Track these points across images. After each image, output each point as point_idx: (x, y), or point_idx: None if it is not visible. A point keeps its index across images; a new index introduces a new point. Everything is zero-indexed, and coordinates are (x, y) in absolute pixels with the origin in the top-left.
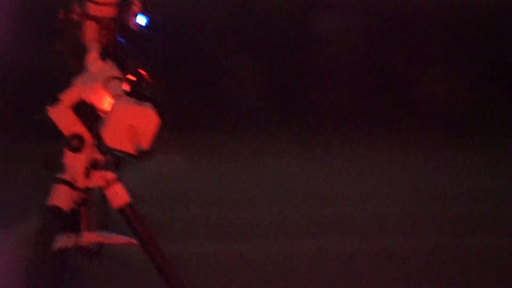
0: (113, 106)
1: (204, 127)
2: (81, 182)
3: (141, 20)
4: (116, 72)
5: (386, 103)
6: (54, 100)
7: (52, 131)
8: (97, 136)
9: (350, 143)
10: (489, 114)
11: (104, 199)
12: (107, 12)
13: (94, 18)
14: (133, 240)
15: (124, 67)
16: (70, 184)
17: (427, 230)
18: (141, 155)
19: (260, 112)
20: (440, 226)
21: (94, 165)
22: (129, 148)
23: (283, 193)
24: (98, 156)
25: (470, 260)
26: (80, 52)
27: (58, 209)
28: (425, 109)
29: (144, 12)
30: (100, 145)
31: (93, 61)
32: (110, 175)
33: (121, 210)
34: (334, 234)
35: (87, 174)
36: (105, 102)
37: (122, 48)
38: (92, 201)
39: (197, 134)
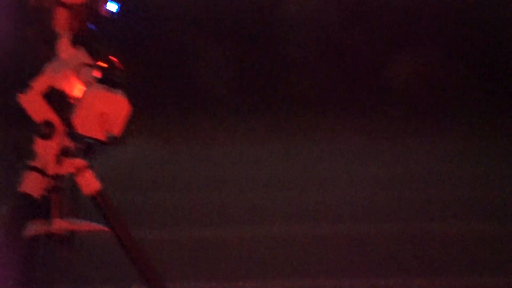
0: (84, 93)
1: (176, 114)
2: (52, 169)
3: (112, 6)
4: (87, 59)
5: (359, 90)
6: (25, 87)
7: (24, 118)
8: (68, 123)
9: (324, 130)
10: (462, 100)
11: (75, 186)
12: None
13: (65, 5)
14: (105, 228)
15: (95, 54)
16: (41, 171)
17: (398, 215)
18: (113, 142)
19: (233, 98)
20: (411, 211)
21: (65, 152)
22: (100, 135)
23: (257, 178)
24: (69, 143)
25: (440, 244)
26: (51, 39)
27: (29, 196)
28: (398, 96)
29: None
30: (71, 132)
31: (64, 48)
32: (81, 162)
33: (92, 197)
34: (309, 219)
35: (58, 161)
36: (76, 89)
37: (93, 35)
38: (63, 188)
39: (169, 120)
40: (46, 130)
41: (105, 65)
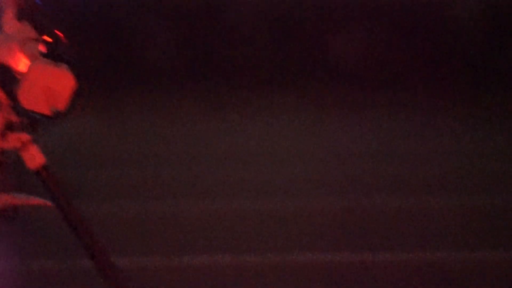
0: (29, 67)
1: (120, 88)
2: None
3: None
4: (32, 33)
5: (300, 62)
6: None
7: None
8: (12, 98)
9: (269, 105)
10: (408, 75)
11: (19, 161)
12: None
13: None
14: (49, 202)
15: (40, 28)
16: None
17: (348, 190)
18: (57, 117)
19: (177, 73)
20: (360, 186)
21: (9, 127)
22: (45, 110)
23: (203, 153)
24: (14, 118)
25: (393, 219)
26: None
27: None
28: (343, 71)
29: None
30: (16, 106)
31: (9, 22)
32: (25, 136)
33: (37, 172)
34: (255, 194)
35: (2, 136)
36: (21, 64)
37: (39, 9)
38: (7, 163)
39: (113, 95)
40: None
41: (50, 39)
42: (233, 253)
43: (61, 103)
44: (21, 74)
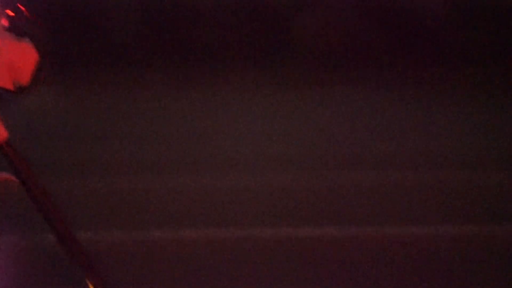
0: None
1: (84, 63)
2: None
3: None
4: None
5: (269, 41)
6: None
7: None
8: None
9: (234, 82)
10: (374, 52)
11: None
12: None
13: None
14: (12, 177)
15: (2, 3)
16: None
17: (330, 166)
18: (21, 91)
19: (141, 48)
20: (342, 162)
21: None
22: (8, 84)
23: (163, 129)
24: None
25: (345, 193)
26: None
27: None
28: (307, 47)
29: None
30: None
31: None
32: None
33: (0, 146)
34: (224, 170)
35: None
36: None
37: None
38: None
39: (78, 69)
40: None
41: (13, 14)
42: (205, 228)
43: (24, 78)
44: None
